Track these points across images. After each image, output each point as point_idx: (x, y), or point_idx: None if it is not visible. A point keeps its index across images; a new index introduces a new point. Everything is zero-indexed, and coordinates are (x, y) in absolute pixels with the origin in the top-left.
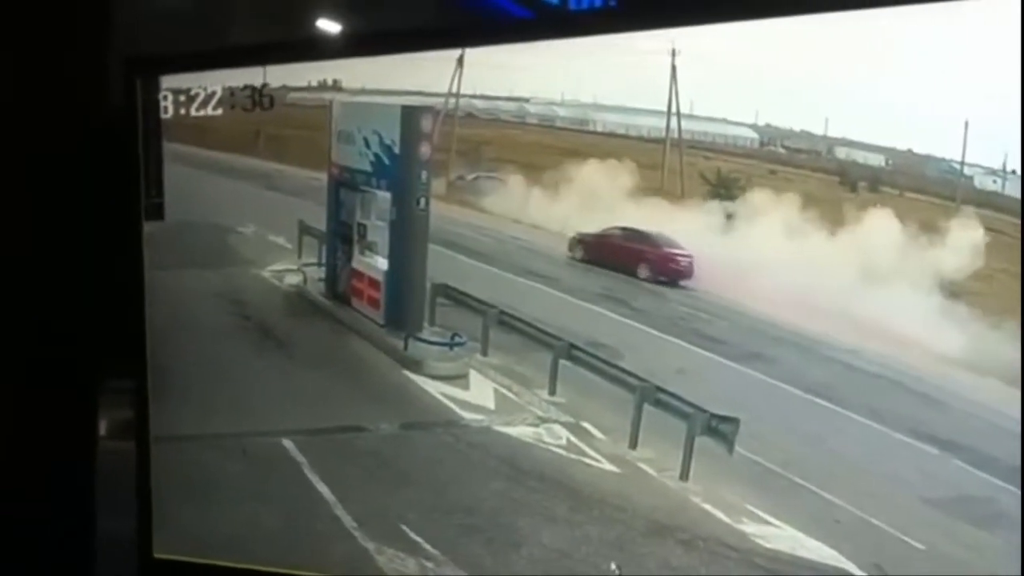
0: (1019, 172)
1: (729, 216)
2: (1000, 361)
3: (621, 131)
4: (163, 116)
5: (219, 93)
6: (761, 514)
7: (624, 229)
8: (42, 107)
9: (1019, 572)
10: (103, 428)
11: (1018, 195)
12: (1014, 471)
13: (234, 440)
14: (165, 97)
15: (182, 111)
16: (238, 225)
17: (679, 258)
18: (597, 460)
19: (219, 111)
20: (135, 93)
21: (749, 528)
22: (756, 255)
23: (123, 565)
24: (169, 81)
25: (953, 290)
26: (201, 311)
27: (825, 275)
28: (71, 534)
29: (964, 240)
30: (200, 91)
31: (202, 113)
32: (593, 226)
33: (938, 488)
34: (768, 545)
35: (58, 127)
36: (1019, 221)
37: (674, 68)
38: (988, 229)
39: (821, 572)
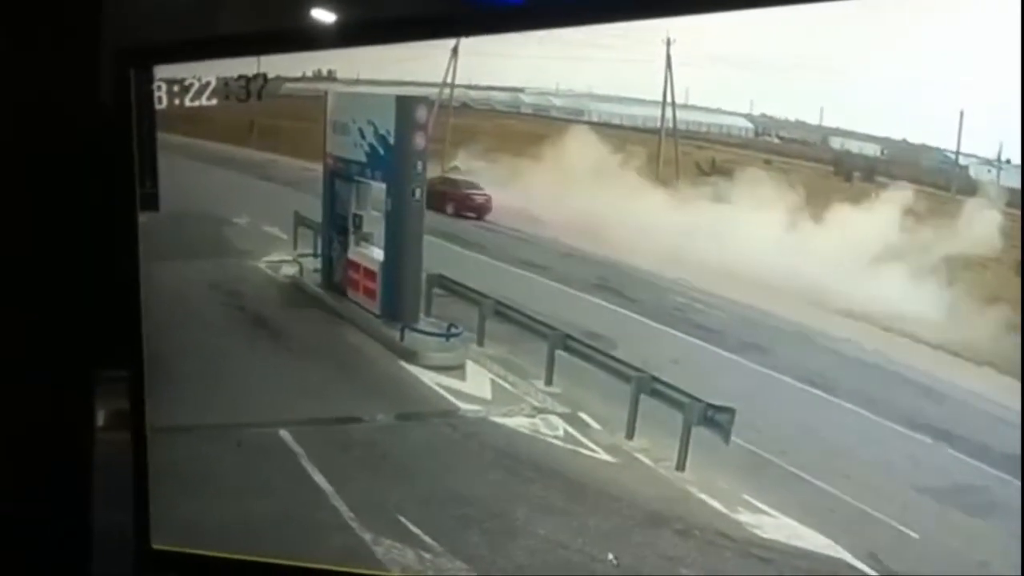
0: (1014, 162)
1: (723, 205)
2: (995, 350)
3: (616, 121)
4: (157, 107)
5: (213, 83)
6: (757, 504)
7: (441, 178)
8: (36, 98)
9: (1019, 563)
10: (100, 419)
11: (1013, 185)
12: (1008, 459)
13: (230, 431)
14: (159, 87)
15: (176, 101)
16: (233, 216)
17: (475, 196)
18: (594, 450)
19: (213, 101)
20: (129, 83)
21: (745, 518)
22: (749, 245)
23: (120, 556)
24: (163, 71)
25: (948, 279)
26: (197, 302)
27: (820, 265)
28: (68, 525)
29: (958, 230)
30: (194, 81)
31: (196, 104)
32: (584, 216)
33: (933, 477)
34: (764, 535)
35: (52, 118)
36: (1014, 211)
37: (669, 58)
38: (982, 219)
39: (816, 561)
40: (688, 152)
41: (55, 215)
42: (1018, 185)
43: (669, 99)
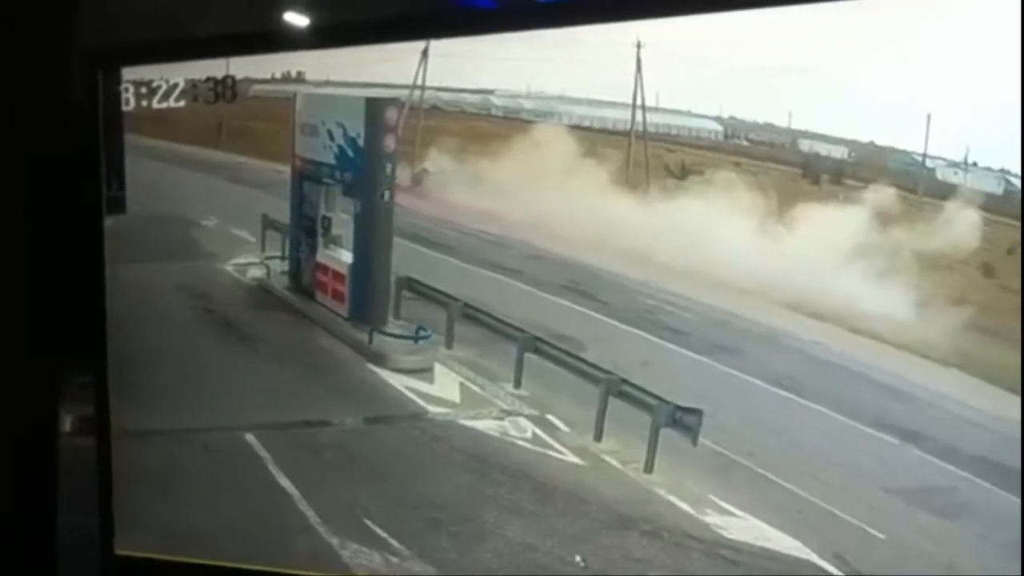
0: (981, 164)
1: (692, 208)
2: (961, 352)
3: (586, 123)
4: (124, 108)
5: (181, 85)
6: (725, 505)
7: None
8: (2, 99)
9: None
10: (64, 424)
11: (980, 187)
12: (975, 461)
13: (197, 435)
14: (126, 89)
15: (144, 103)
16: (201, 218)
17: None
18: (562, 453)
19: (181, 103)
20: (96, 85)
21: (712, 519)
22: (719, 247)
23: (85, 562)
24: (130, 73)
25: (915, 281)
26: (163, 305)
27: (788, 267)
28: (32, 531)
29: (926, 232)
30: (162, 83)
31: (164, 105)
32: (554, 219)
33: (899, 478)
34: (731, 536)
35: (18, 119)
36: (981, 213)
37: (639, 60)
38: (949, 221)
39: (784, 562)
40: (658, 155)
41: (20, 217)
42: (984, 187)
43: (639, 102)
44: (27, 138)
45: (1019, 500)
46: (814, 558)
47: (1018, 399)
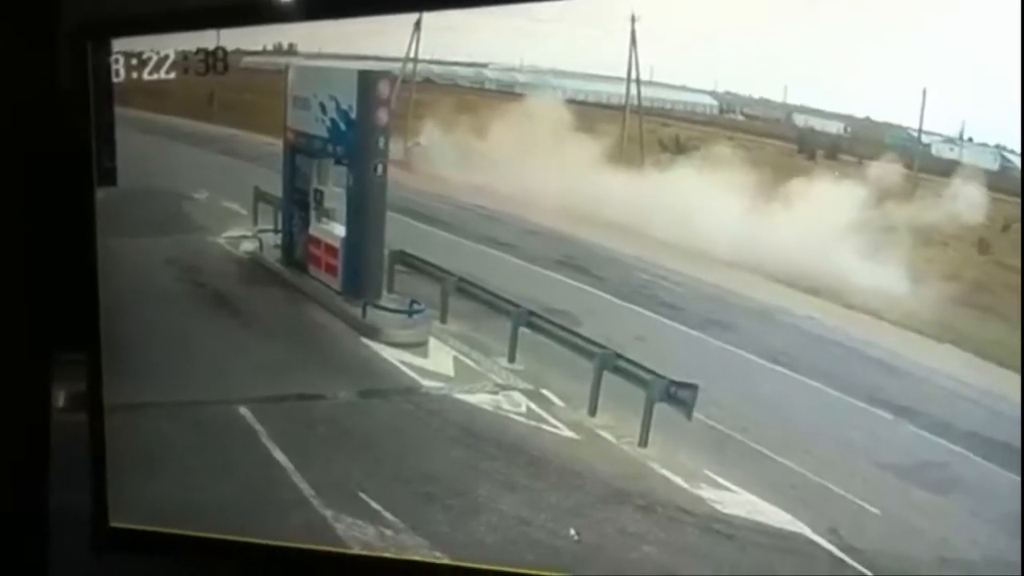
0: (976, 140)
1: (687, 183)
2: (955, 328)
3: (581, 97)
4: (115, 80)
5: (172, 57)
6: (718, 479)
7: None
8: None
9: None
10: (57, 398)
11: (975, 163)
12: (968, 436)
13: (190, 409)
14: (117, 60)
15: (134, 75)
16: (192, 191)
17: None
18: (556, 427)
19: (172, 75)
20: (86, 56)
21: (706, 493)
22: (714, 222)
23: (77, 535)
24: (121, 44)
25: (910, 257)
26: (155, 279)
27: (783, 242)
28: (25, 504)
29: (920, 207)
30: (153, 55)
31: (155, 77)
32: (548, 193)
33: (893, 453)
34: (725, 510)
35: (7, 91)
36: (976, 188)
37: (634, 34)
38: (944, 197)
39: (778, 536)
40: (652, 129)
41: (10, 190)
42: (980, 163)
43: (634, 76)
44: (17, 111)
45: (1011, 474)
46: (808, 532)
47: (1010, 373)
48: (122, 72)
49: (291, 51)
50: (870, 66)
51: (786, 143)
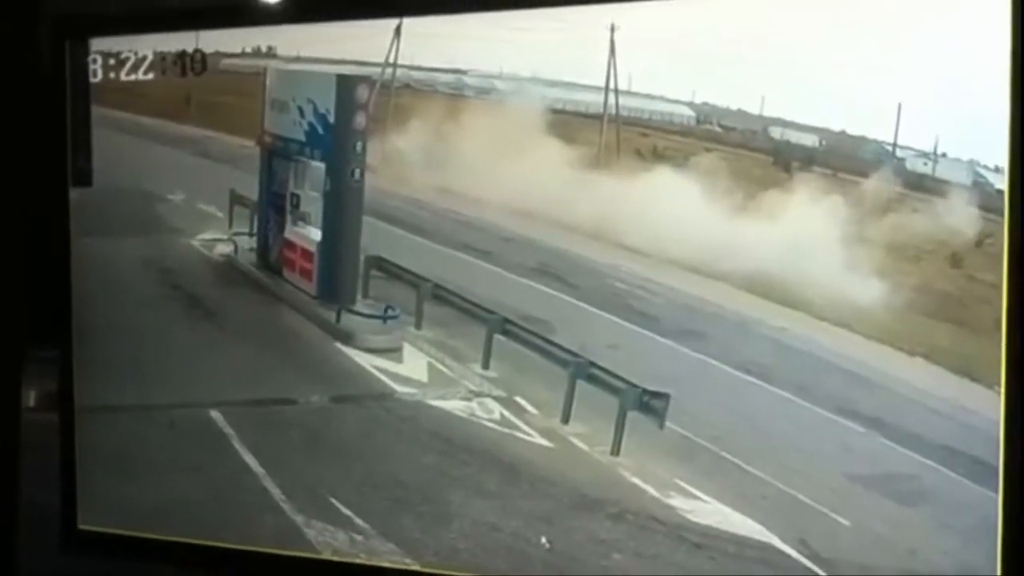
0: (950, 156)
1: (663, 192)
2: (926, 341)
3: (559, 106)
4: (92, 80)
5: (150, 57)
6: (690, 489)
7: None
8: None
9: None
10: (28, 398)
11: (949, 177)
12: (938, 449)
13: (162, 411)
14: (94, 60)
15: (112, 75)
16: (168, 192)
17: None
18: (529, 434)
19: (150, 76)
20: (63, 55)
21: (677, 503)
22: (689, 232)
23: (46, 536)
24: (99, 44)
25: (882, 270)
26: (129, 280)
27: (758, 253)
28: None
29: (894, 221)
30: (131, 55)
31: (132, 78)
32: (525, 201)
33: (863, 465)
34: (695, 519)
35: None
36: (948, 202)
37: (613, 44)
38: (918, 211)
39: (747, 546)
40: (630, 139)
41: None
42: (954, 178)
43: (612, 85)
44: None
45: (980, 488)
46: (777, 542)
47: (981, 388)
48: (100, 72)
49: (270, 54)
50: (846, 80)
51: (762, 155)
